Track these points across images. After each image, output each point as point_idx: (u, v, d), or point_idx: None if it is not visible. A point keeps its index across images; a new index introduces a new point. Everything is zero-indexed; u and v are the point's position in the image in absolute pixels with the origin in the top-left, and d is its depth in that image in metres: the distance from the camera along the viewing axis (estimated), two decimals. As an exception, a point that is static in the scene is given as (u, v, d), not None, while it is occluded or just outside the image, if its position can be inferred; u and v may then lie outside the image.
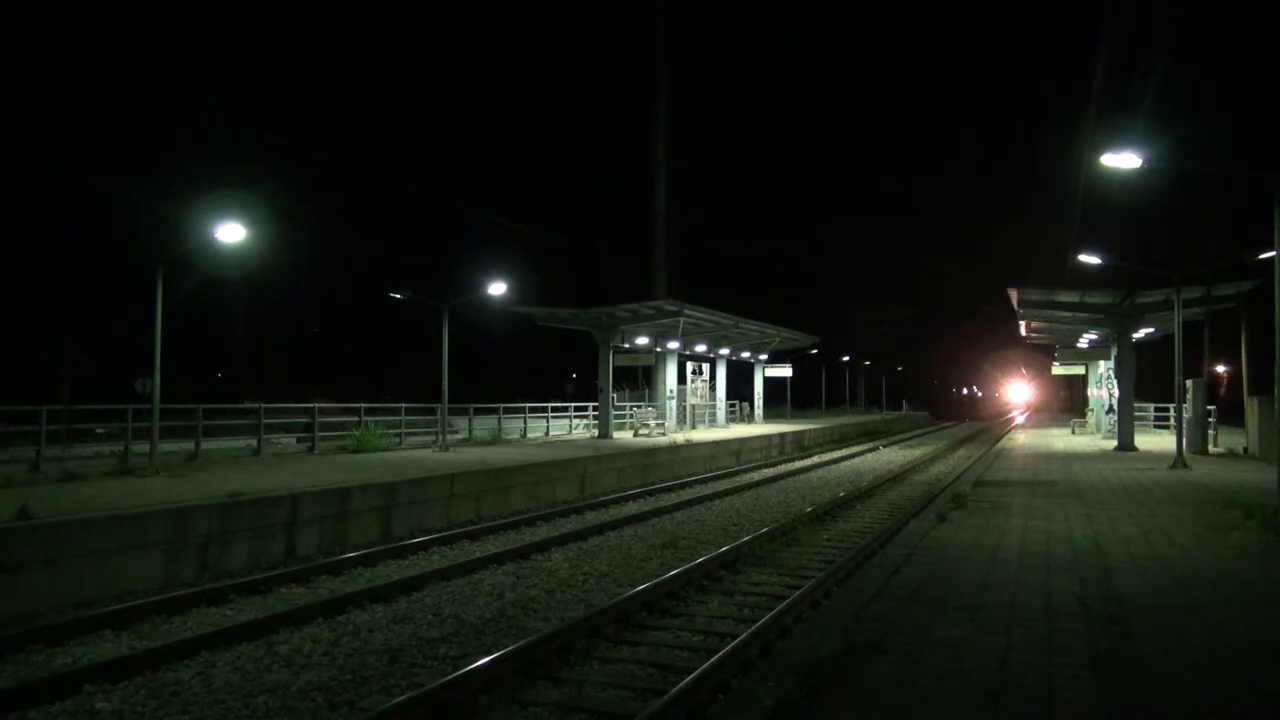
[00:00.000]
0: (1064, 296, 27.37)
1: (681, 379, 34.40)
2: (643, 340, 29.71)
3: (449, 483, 15.47)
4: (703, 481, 22.07)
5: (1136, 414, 29.71)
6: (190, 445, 18.16)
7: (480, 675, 6.71)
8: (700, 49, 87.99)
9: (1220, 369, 43.74)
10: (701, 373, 36.50)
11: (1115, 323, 27.18)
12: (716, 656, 7.07)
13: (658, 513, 16.36)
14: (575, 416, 32.30)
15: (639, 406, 34.85)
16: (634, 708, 6.34)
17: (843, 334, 73.34)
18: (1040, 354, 64.21)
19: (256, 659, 7.60)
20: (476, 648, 7.90)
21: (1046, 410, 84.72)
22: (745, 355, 41.02)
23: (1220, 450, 25.49)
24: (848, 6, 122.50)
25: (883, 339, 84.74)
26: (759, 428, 37.78)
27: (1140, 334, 29.11)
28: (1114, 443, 26.95)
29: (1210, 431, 26.20)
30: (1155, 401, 35.45)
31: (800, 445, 34.83)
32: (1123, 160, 14.35)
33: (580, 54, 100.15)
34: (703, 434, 31.24)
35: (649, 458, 22.97)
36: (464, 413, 26.22)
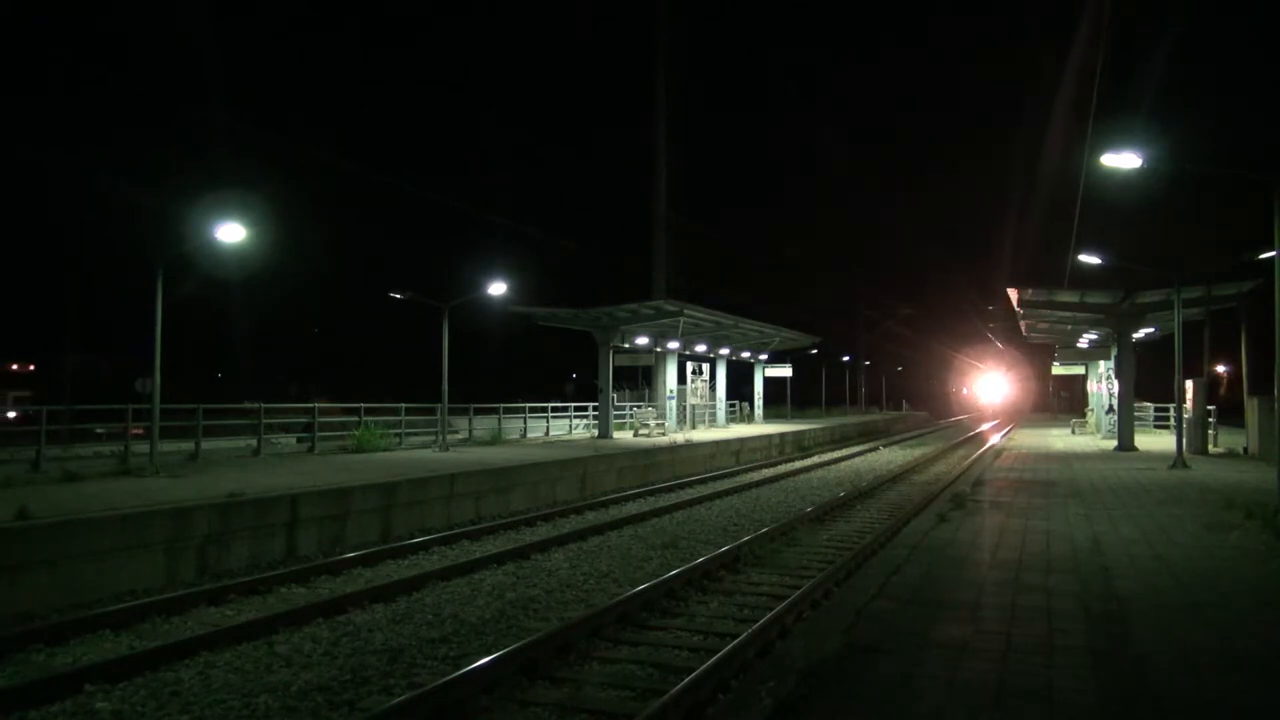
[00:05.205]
0: (1064, 296, 27.37)
1: (681, 379, 34.39)
2: (643, 340, 29.71)
3: (449, 483, 15.47)
4: (703, 481, 22.07)
5: (1136, 414, 29.72)
6: (190, 445, 18.15)
7: (480, 675, 6.71)
8: (700, 47, 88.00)
9: (1220, 369, 43.72)
10: (701, 373, 36.49)
11: (1115, 323, 27.18)
12: (716, 657, 7.07)
13: (657, 513, 16.35)
14: (575, 416, 32.30)
15: (639, 406, 34.85)
16: (634, 708, 6.34)
17: (843, 334, 73.12)
18: (1040, 353, 64.20)
19: (256, 659, 7.60)
20: (477, 648, 7.90)
21: (1048, 411, 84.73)
22: (745, 355, 41.02)
23: (1220, 450, 25.49)
24: (848, 12, 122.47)
25: (883, 339, 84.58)
26: (759, 428, 37.78)
27: (1140, 334, 29.12)
28: (1114, 443, 26.95)
29: (1210, 431, 26.20)
30: (1155, 401, 35.47)
31: (800, 445, 34.82)
32: (1123, 160, 14.37)
33: (580, 52, 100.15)
34: (703, 434, 31.24)
35: (649, 458, 22.97)
36: (464, 413, 26.24)
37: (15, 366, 52.70)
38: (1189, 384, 24.24)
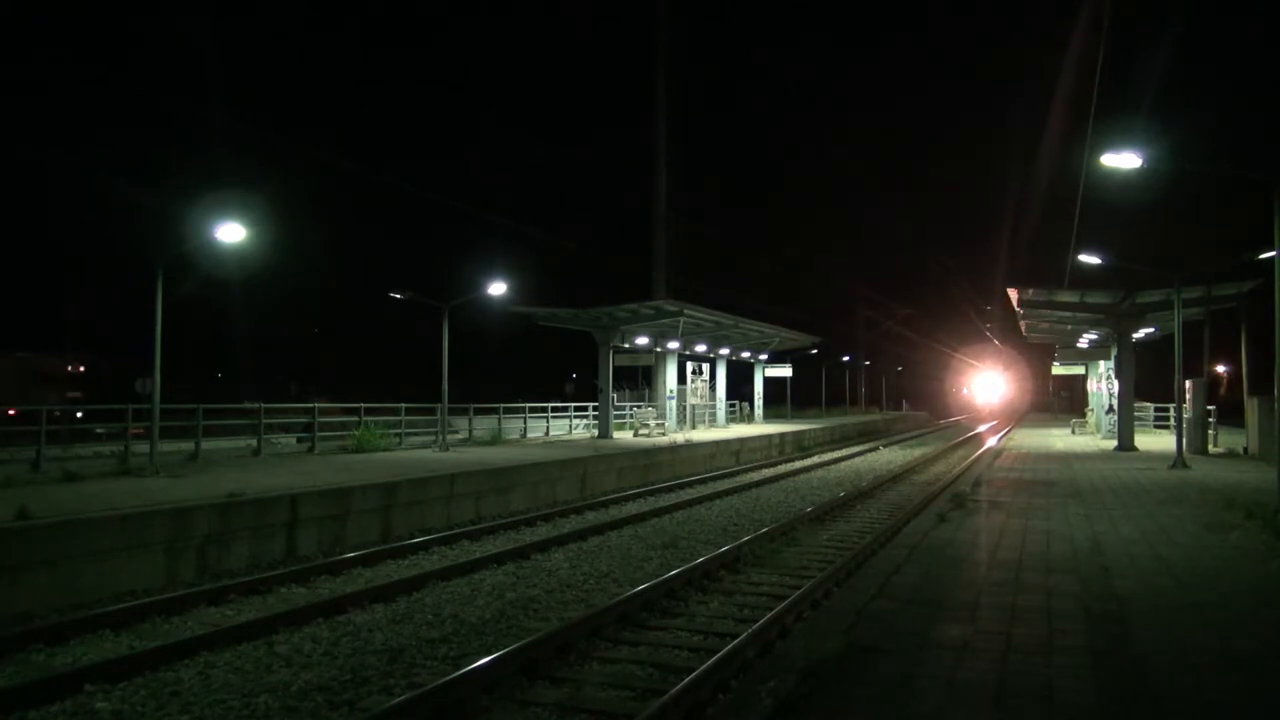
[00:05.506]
0: (1064, 296, 27.36)
1: (681, 379, 34.39)
2: (643, 340, 29.71)
3: (449, 483, 15.47)
4: (703, 481, 22.07)
5: (1136, 414, 29.71)
6: (190, 445, 18.14)
7: (480, 675, 6.71)
8: (701, 47, 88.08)
9: (1220, 369, 43.72)
10: (701, 373, 36.48)
11: (1115, 323, 27.18)
12: (716, 657, 7.07)
13: (657, 513, 16.35)
14: (575, 416, 32.29)
15: (639, 406, 34.84)
16: (634, 708, 6.34)
17: (843, 334, 73.13)
18: (1040, 353, 64.20)
19: (256, 659, 7.60)
20: (477, 648, 7.90)
21: (1047, 411, 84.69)
22: (745, 355, 41.01)
23: (1220, 450, 25.49)
24: (848, 11, 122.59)
25: (883, 339, 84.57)
26: (759, 428, 37.78)
27: (1140, 334, 29.11)
28: (1114, 443, 26.95)
29: (1210, 431, 26.20)
30: (1155, 401, 35.46)
31: (800, 445, 34.82)
32: (1123, 160, 14.36)
33: (580, 52, 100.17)
34: (703, 434, 31.23)
35: (649, 458, 22.97)
36: (464, 413, 26.23)
37: (70, 368, 53.33)
38: (1189, 384, 24.23)
